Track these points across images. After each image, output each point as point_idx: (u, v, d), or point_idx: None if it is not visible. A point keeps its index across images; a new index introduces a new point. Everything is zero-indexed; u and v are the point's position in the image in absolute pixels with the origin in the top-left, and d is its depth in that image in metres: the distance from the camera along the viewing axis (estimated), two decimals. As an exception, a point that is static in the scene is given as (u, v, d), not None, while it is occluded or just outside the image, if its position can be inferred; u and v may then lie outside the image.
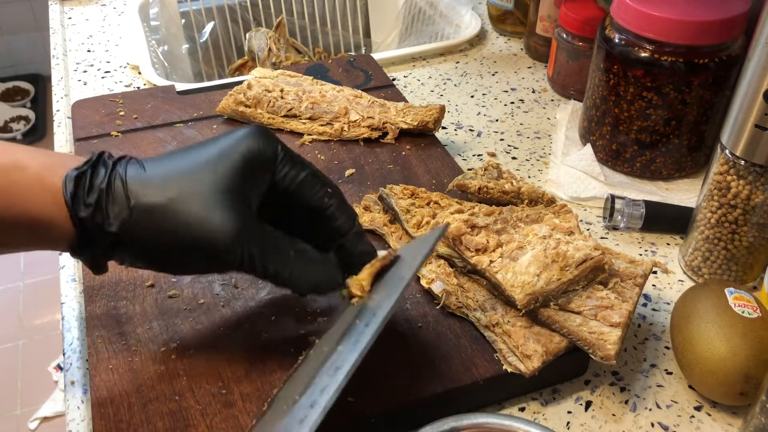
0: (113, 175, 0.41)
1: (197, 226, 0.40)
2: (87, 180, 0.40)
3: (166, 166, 0.42)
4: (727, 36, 0.63)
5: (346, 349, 0.40)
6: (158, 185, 0.41)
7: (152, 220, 0.40)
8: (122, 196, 0.40)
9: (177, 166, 0.42)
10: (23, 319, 1.85)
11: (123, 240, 0.41)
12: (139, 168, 0.42)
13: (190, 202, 0.40)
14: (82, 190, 0.40)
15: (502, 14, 1.00)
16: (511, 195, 0.61)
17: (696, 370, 0.48)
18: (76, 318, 0.55)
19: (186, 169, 0.42)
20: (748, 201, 0.54)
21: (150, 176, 0.41)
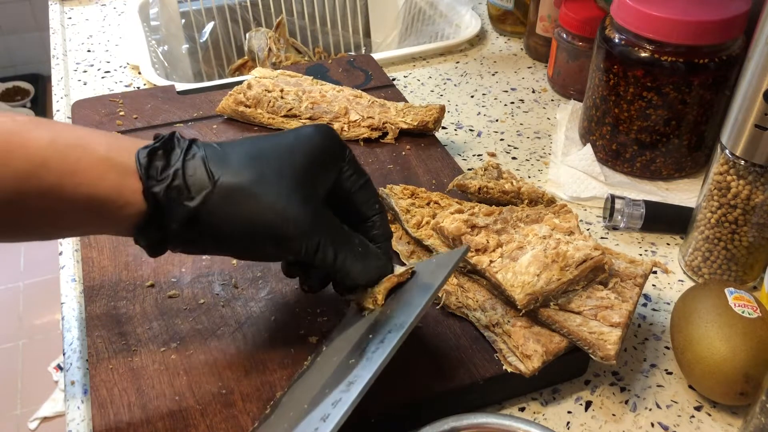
0: (190, 152, 0.41)
1: (275, 212, 0.41)
2: (162, 156, 0.40)
3: (243, 150, 0.42)
4: (727, 36, 0.63)
5: (360, 365, 0.40)
6: (238, 166, 0.41)
7: (233, 200, 0.40)
8: (203, 172, 0.40)
9: (255, 151, 0.42)
10: (23, 319, 1.85)
11: (198, 217, 0.40)
12: (217, 148, 0.42)
13: (269, 186, 0.41)
14: (156, 166, 0.40)
15: (502, 14, 1.00)
16: (511, 195, 0.61)
17: (696, 370, 0.48)
18: (76, 318, 0.55)
19: (264, 154, 0.42)
20: (748, 201, 0.54)
21: (229, 157, 0.41)
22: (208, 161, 0.41)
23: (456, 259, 0.44)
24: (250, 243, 0.42)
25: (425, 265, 0.48)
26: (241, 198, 0.40)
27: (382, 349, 0.39)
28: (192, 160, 0.41)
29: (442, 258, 0.48)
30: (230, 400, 0.46)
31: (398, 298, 0.45)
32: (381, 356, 0.39)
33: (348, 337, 0.45)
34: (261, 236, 0.41)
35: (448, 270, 0.43)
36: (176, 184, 0.40)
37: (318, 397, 0.40)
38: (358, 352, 0.41)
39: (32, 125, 0.39)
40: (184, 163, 0.40)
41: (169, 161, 0.40)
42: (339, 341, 0.46)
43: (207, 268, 0.55)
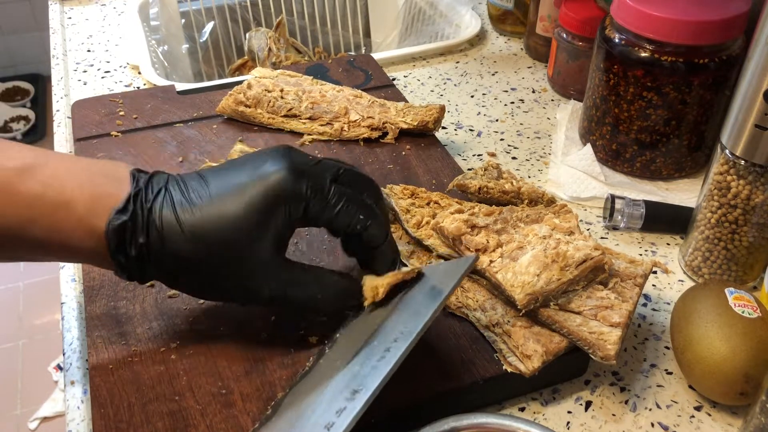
0: (150, 223, 0.43)
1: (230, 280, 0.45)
2: (129, 232, 0.43)
3: (196, 212, 0.44)
4: (727, 36, 0.63)
5: (365, 373, 0.39)
6: (188, 238, 0.43)
7: (186, 273, 0.45)
8: (159, 247, 0.43)
9: (207, 214, 0.44)
10: (23, 319, 1.85)
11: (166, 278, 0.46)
12: (170, 213, 0.44)
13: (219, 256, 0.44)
14: (124, 243, 0.43)
15: (502, 14, 1.00)
16: (511, 195, 0.61)
17: (696, 370, 0.48)
18: (76, 318, 0.55)
19: (215, 219, 0.44)
20: (748, 201, 0.54)
21: (182, 225, 0.43)
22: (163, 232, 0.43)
23: (465, 268, 0.44)
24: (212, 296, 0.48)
25: (433, 270, 0.47)
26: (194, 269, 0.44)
27: (388, 359, 0.39)
28: (152, 231, 0.43)
29: (450, 265, 0.47)
30: (230, 400, 0.46)
31: (405, 303, 0.45)
32: (387, 366, 0.39)
33: (353, 339, 0.45)
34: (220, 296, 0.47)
35: (457, 279, 0.43)
36: (141, 256, 0.44)
37: (321, 402, 0.39)
38: (363, 359, 0.41)
39: (20, 177, 0.42)
40: (147, 235, 0.43)
41: (134, 239, 0.43)
42: (343, 343, 0.46)
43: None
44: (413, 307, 0.43)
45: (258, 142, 0.71)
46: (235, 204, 0.44)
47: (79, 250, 0.44)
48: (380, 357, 0.40)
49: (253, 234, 0.44)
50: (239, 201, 0.44)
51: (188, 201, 0.44)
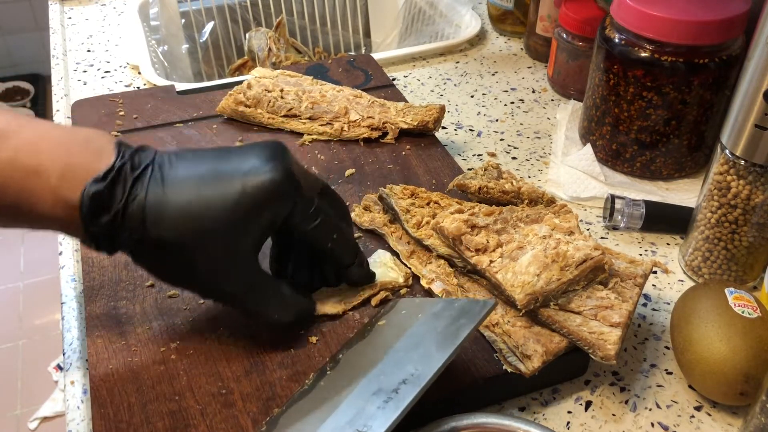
0: (131, 197, 0.42)
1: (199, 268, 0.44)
2: (106, 197, 0.42)
3: (186, 193, 0.43)
4: (727, 36, 0.63)
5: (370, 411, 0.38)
6: (174, 219, 0.42)
7: (160, 252, 0.43)
8: (140, 220, 0.42)
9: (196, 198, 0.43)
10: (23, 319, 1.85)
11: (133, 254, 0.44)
12: (160, 190, 0.42)
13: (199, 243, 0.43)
14: (98, 209, 0.42)
15: (502, 14, 1.00)
16: (511, 195, 0.61)
17: (696, 370, 0.48)
18: (76, 318, 0.55)
19: (204, 205, 0.43)
20: (748, 201, 0.54)
21: (168, 205, 0.42)
22: (146, 209, 0.42)
23: (484, 313, 0.43)
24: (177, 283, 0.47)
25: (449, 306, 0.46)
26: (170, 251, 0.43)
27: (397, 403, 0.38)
28: (131, 206, 0.42)
29: (469, 305, 0.45)
30: (230, 400, 0.46)
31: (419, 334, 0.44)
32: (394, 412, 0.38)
33: (357, 364, 0.44)
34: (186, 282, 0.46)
35: (474, 325, 0.42)
36: (112, 229, 0.42)
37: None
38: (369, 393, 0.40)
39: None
40: (125, 208, 0.42)
41: (109, 206, 0.42)
42: (346, 366, 0.45)
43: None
44: (427, 345, 0.42)
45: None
46: (228, 194, 0.43)
47: (50, 218, 0.42)
48: (387, 398, 0.39)
49: (239, 228, 0.43)
50: (232, 192, 0.43)
51: (178, 182, 0.43)
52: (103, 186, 0.42)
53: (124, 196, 0.42)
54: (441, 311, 0.45)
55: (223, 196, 0.43)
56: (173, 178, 0.43)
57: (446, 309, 0.45)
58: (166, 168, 0.43)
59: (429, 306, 0.47)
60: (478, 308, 0.43)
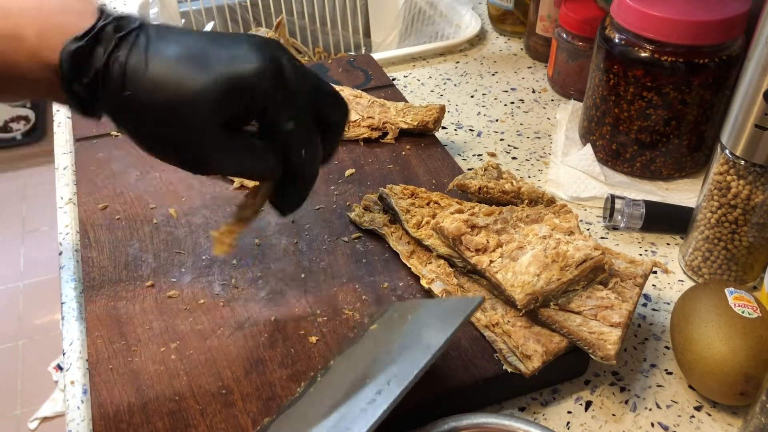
0: (112, 57, 0.41)
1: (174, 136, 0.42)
2: (85, 59, 0.41)
3: (168, 63, 0.42)
4: (727, 36, 0.63)
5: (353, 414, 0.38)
6: (153, 84, 0.41)
7: (139, 116, 0.42)
8: (118, 84, 0.41)
9: (176, 69, 0.42)
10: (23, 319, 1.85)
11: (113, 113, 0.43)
12: (143, 55, 0.42)
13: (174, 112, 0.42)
14: (79, 69, 0.41)
15: (502, 14, 1.00)
16: (511, 195, 0.61)
17: (696, 370, 0.48)
18: (76, 318, 0.55)
19: (184, 76, 0.42)
20: (748, 201, 0.54)
21: (150, 70, 0.41)
22: (127, 71, 0.41)
23: (470, 310, 0.43)
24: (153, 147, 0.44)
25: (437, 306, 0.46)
26: (146, 117, 0.42)
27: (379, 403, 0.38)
28: (114, 65, 0.41)
29: (455, 303, 0.45)
30: (230, 400, 0.46)
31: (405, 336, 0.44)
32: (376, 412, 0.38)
33: (346, 371, 0.44)
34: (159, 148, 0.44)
35: (459, 322, 0.42)
36: (95, 87, 0.41)
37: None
38: (353, 398, 0.40)
39: None
40: (105, 67, 0.41)
41: (91, 63, 0.41)
42: (335, 374, 0.45)
43: (207, 267, 0.55)
44: (413, 345, 0.42)
45: (258, 142, 0.71)
46: (206, 74, 0.42)
47: (33, 82, 0.42)
48: (371, 400, 0.39)
49: (207, 107, 0.42)
50: (211, 73, 0.42)
51: (163, 50, 0.42)
52: (83, 44, 0.41)
53: (105, 54, 0.41)
54: (429, 310, 0.45)
55: (204, 72, 0.42)
56: (158, 46, 0.42)
57: (435, 307, 0.46)
58: (153, 36, 0.43)
59: (419, 306, 0.47)
60: (464, 305, 0.44)
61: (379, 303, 0.53)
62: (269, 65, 0.43)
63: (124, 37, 0.42)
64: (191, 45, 0.43)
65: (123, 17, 0.43)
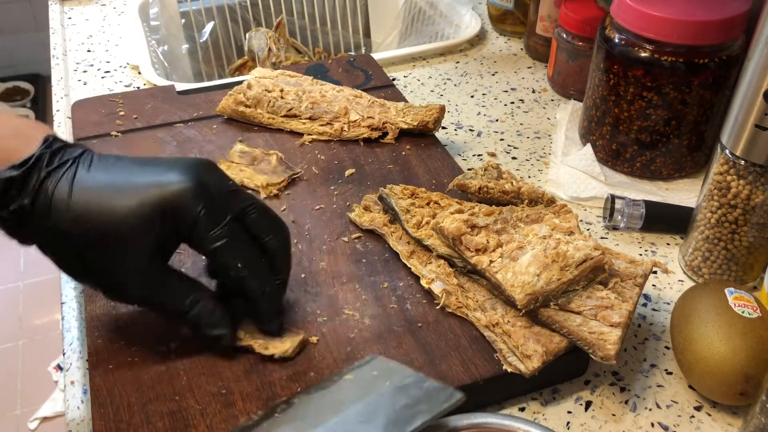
0: (42, 188, 0.43)
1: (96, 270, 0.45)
2: (15, 189, 0.42)
3: (88, 197, 0.43)
4: (727, 36, 0.63)
5: None
6: (75, 216, 0.43)
7: (63, 245, 0.44)
8: (44, 214, 0.43)
9: (97, 203, 0.43)
10: (23, 319, 1.85)
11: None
12: (67, 187, 0.43)
13: (97, 242, 0.44)
14: (9, 196, 0.42)
15: (502, 14, 1.00)
16: (511, 195, 0.61)
17: (696, 370, 0.48)
18: (76, 318, 0.55)
19: (105, 206, 0.43)
20: (748, 201, 0.54)
21: (73, 201, 0.43)
22: (52, 202, 0.43)
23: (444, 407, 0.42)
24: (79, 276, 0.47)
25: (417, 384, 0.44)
26: (70, 247, 0.44)
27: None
28: (40, 195, 0.43)
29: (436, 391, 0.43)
30: (230, 400, 0.46)
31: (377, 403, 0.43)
32: None
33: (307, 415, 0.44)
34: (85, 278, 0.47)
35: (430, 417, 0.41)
36: (23, 215, 0.43)
37: None
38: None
39: None
40: (34, 198, 0.43)
41: (21, 192, 0.43)
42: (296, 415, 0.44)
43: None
44: (379, 420, 0.41)
45: (258, 142, 0.71)
46: (128, 201, 0.43)
47: None
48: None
49: (131, 236, 0.43)
50: (133, 199, 0.44)
51: (88, 181, 0.44)
52: (17, 173, 0.42)
53: (34, 186, 0.43)
54: (407, 387, 0.44)
55: (125, 202, 0.43)
56: (85, 177, 0.44)
57: (413, 387, 0.44)
58: (82, 167, 0.44)
59: (399, 376, 0.45)
60: (443, 398, 0.42)
61: (379, 302, 0.53)
62: (191, 185, 0.44)
63: (55, 169, 0.43)
64: (117, 173, 0.45)
65: (66, 147, 0.45)
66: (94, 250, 0.44)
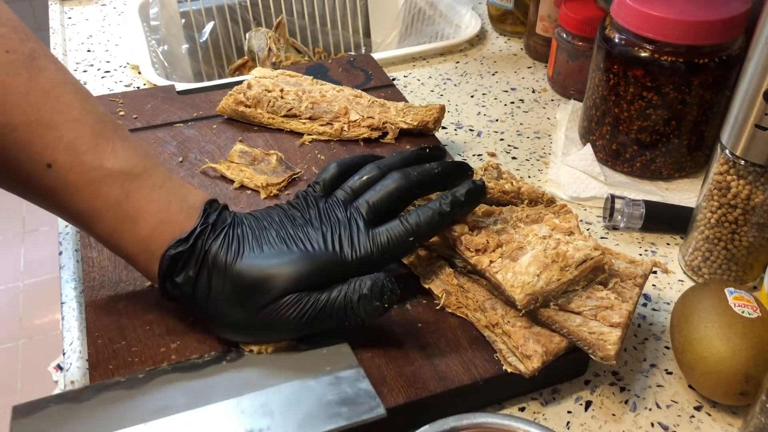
0: (202, 271, 0.46)
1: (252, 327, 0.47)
2: (182, 262, 0.45)
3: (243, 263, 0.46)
4: (727, 36, 0.63)
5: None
6: (231, 280, 0.45)
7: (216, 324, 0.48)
8: (203, 297, 0.46)
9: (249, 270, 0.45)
10: (23, 319, 1.85)
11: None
12: (224, 257, 0.46)
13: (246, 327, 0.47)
14: (174, 270, 0.46)
15: (502, 14, 1.00)
16: (511, 195, 0.61)
17: (696, 370, 0.48)
18: (76, 318, 0.55)
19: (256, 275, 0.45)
20: (748, 201, 0.54)
21: (229, 269, 0.45)
22: (210, 290, 0.46)
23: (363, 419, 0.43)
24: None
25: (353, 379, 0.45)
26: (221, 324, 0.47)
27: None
28: (200, 280, 0.46)
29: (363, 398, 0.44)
30: (230, 400, 0.46)
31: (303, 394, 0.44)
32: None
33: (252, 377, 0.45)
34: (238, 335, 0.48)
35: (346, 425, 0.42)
36: (185, 286, 0.46)
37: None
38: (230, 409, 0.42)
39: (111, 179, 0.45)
40: (197, 276, 0.46)
41: (186, 265, 0.46)
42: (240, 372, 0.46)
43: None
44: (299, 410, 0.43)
45: (258, 142, 0.71)
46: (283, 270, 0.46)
47: (132, 260, 0.47)
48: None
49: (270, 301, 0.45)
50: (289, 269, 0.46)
51: (241, 250, 0.46)
52: (184, 248, 0.45)
53: (200, 256, 0.45)
54: (343, 380, 0.45)
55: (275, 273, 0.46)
56: (237, 249, 0.46)
57: (349, 382, 0.45)
58: (236, 238, 0.47)
59: (346, 366, 0.46)
60: (365, 408, 0.44)
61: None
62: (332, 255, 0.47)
63: (215, 238, 0.46)
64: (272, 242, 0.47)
65: (221, 214, 0.48)
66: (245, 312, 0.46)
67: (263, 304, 0.45)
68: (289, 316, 0.45)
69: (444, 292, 0.52)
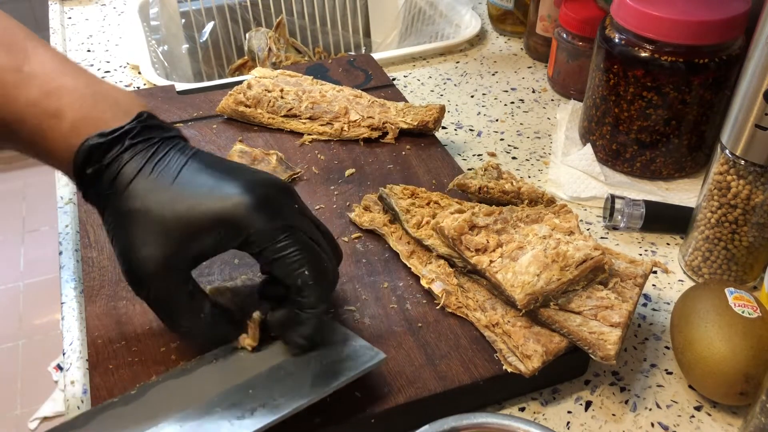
0: (117, 165, 0.43)
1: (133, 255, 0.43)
2: (97, 154, 0.43)
3: (147, 187, 0.43)
4: (727, 36, 0.63)
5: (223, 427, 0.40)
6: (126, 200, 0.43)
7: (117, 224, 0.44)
8: (108, 185, 0.44)
9: (155, 198, 0.43)
10: (23, 319, 1.85)
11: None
12: (132, 173, 0.43)
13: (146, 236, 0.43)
14: (88, 161, 0.43)
15: (502, 14, 1.00)
16: (511, 195, 0.61)
17: (696, 370, 0.48)
18: (76, 318, 0.55)
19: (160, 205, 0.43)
20: (748, 201, 0.54)
21: (135, 185, 0.43)
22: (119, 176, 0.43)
23: (369, 365, 0.44)
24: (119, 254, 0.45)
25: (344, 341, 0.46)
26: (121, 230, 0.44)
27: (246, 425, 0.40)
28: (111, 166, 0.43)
29: (360, 350, 0.45)
30: (230, 400, 0.46)
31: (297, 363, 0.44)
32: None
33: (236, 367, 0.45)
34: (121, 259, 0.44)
35: (354, 374, 0.43)
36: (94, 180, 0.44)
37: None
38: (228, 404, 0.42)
39: (26, 81, 0.44)
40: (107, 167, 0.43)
41: (100, 160, 0.43)
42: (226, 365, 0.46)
43: (207, 267, 0.55)
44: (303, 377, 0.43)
45: (258, 141, 0.71)
46: (182, 206, 0.43)
47: (56, 158, 0.45)
48: (241, 415, 0.41)
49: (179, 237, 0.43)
50: (188, 203, 0.43)
51: (155, 172, 0.44)
52: (101, 141, 0.43)
53: (115, 155, 0.43)
54: (336, 345, 0.46)
55: (178, 207, 0.43)
56: (152, 168, 0.44)
57: (342, 344, 0.46)
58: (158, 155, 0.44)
59: (330, 333, 0.47)
60: (367, 357, 0.45)
61: (379, 302, 0.53)
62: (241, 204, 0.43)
63: (135, 144, 0.44)
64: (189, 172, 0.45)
65: (160, 128, 0.46)
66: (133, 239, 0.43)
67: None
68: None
69: (444, 292, 0.52)
